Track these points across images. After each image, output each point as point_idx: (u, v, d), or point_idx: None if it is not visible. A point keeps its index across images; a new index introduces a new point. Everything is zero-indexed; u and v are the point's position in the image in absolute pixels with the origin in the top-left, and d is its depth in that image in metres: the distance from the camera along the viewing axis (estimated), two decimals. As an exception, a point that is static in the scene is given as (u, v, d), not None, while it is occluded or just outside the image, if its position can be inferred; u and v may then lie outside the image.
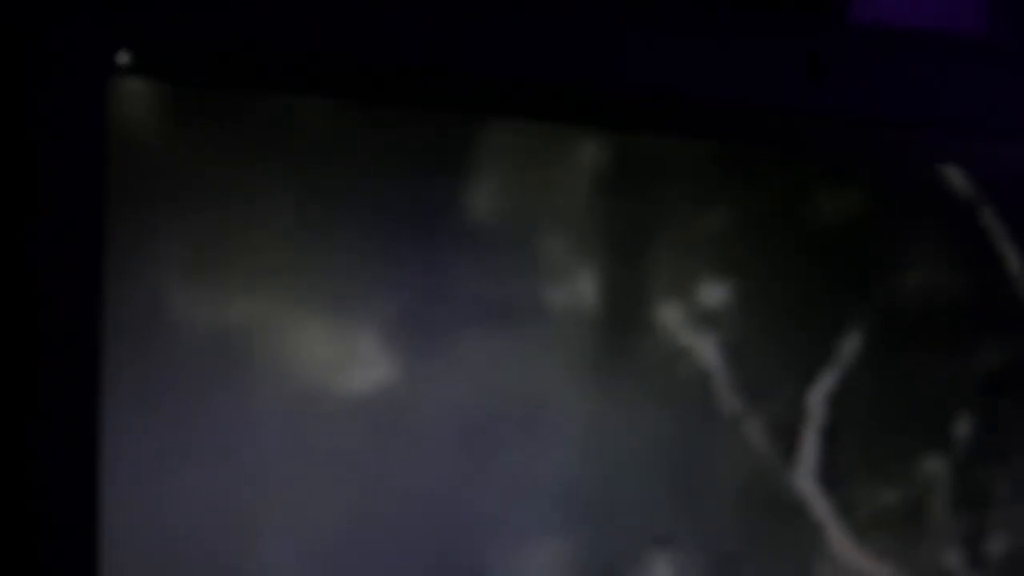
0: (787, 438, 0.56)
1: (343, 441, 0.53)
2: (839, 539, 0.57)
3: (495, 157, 0.53)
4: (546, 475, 0.54)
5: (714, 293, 0.56)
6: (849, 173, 0.56)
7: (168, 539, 0.51)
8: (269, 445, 0.52)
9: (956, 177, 0.58)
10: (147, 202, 0.51)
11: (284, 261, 0.52)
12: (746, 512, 0.56)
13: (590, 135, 0.54)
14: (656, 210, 0.55)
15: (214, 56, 0.51)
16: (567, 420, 0.54)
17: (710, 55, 0.55)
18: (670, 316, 0.55)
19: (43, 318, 0.50)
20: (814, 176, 0.56)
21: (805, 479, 0.57)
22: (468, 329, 0.53)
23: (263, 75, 0.51)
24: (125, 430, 0.51)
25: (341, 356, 0.53)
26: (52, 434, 0.50)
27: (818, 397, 0.57)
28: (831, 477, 0.57)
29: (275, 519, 0.52)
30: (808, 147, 0.56)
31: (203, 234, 0.51)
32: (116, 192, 0.50)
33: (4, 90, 0.50)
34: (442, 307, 0.53)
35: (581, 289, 0.54)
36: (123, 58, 0.50)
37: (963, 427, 0.58)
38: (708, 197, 0.55)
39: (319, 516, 0.53)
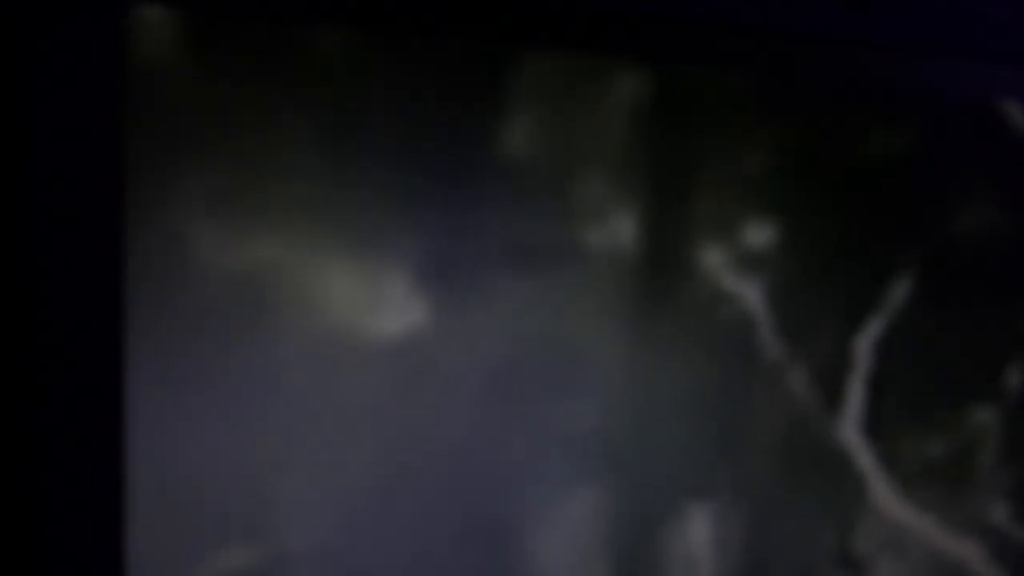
0: (832, 387, 0.55)
1: (371, 387, 0.52)
2: (883, 491, 0.56)
3: (529, 90, 0.52)
4: (581, 424, 0.53)
5: (758, 235, 0.54)
6: (901, 108, 0.55)
7: (193, 486, 0.50)
8: (294, 391, 0.51)
9: (1015, 113, 0.56)
10: (167, 137, 0.49)
11: (309, 200, 0.51)
12: (788, 463, 0.55)
13: (629, 67, 0.53)
14: (698, 148, 0.53)
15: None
16: (604, 367, 0.53)
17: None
18: (712, 259, 0.54)
19: (61, 258, 0.49)
20: (864, 112, 0.55)
21: (850, 429, 0.55)
22: (500, 272, 0.52)
23: (287, 3, 0.50)
24: (148, 376, 0.49)
25: (368, 299, 0.51)
26: (74, 381, 0.49)
27: (865, 344, 0.55)
28: (876, 428, 0.56)
29: (302, 465, 0.51)
30: (857, 80, 0.54)
31: (226, 172, 0.50)
32: (135, 127, 0.49)
33: (21, 19, 0.49)
34: (473, 248, 0.52)
35: (619, 230, 0.53)
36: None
37: (1015, 376, 0.57)
38: (752, 134, 0.54)
39: (346, 463, 0.52)
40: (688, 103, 0.53)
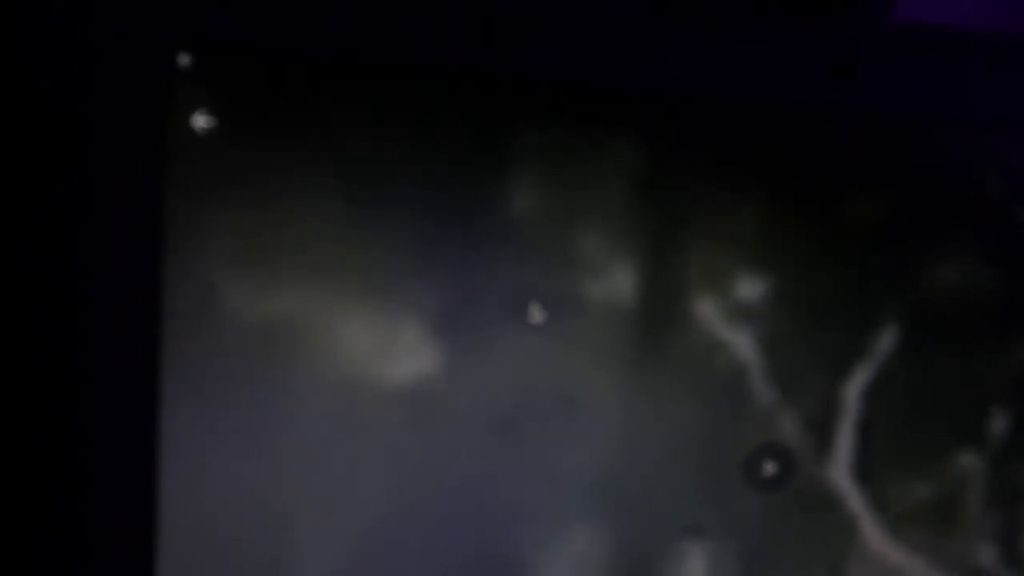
0: (822, 432, 0.56)
1: (385, 429, 0.53)
2: (873, 533, 0.57)
3: (534, 156, 0.54)
4: (581, 466, 0.55)
5: (750, 288, 0.56)
6: (886, 171, 0.57)
7: (220, 523, 0.53)
8: (314, 432, 0.53)
9: (990, 175, 0.58)
10: (202, 199, 0.52)
11: (331, 256, 0.53)
12: (780, 505, 0.56)
13: (628, 135, 0.55)
14: (693, 206, 0.55)
15: (269, 59, 0.52)
16: (603, 412, 0.55)
17: (747, 56, 0.55)
18: (706, 310, 0.56)
19: (102, 309, 0.51)
20: (851, 173, 0.56)
21: (839, 473, 0.57)
22: (507, 322, 0.54)
23: (314, 77, 0.52)
24: (180, 418, 0.52)
25: (384, 347, 0.53)
26: (111, 422, 0.51)
27: (853, 392, 0.57)
28: (865, 471, 0.57)
29: (319, 503, 0.53)
30: (845, 145, 0.56)
31: (255, 229, 0.52)
32: (172, 189, 0.51)
33: (67, 91, 0.51)
34: (482, 300, 0.54)
35: (618, 283, 0.55)
36: (183, 60, 0.51)
37: (998, 423, 0.58)
38: (745, 193, 0.56)
39: (361, 501, 0.54)
40: (684, 165, 0.55)
